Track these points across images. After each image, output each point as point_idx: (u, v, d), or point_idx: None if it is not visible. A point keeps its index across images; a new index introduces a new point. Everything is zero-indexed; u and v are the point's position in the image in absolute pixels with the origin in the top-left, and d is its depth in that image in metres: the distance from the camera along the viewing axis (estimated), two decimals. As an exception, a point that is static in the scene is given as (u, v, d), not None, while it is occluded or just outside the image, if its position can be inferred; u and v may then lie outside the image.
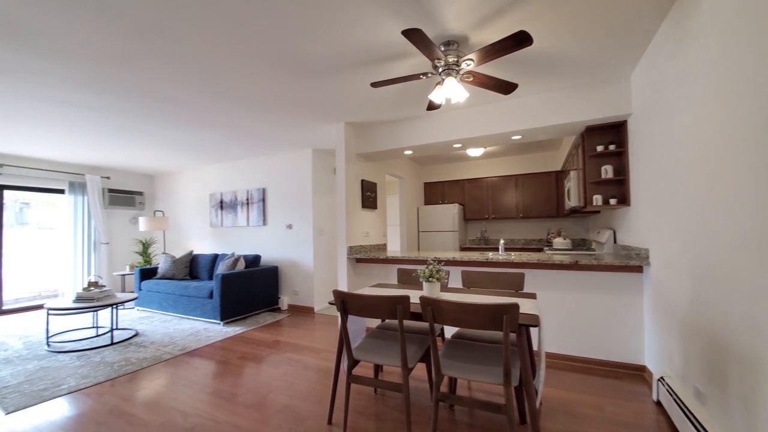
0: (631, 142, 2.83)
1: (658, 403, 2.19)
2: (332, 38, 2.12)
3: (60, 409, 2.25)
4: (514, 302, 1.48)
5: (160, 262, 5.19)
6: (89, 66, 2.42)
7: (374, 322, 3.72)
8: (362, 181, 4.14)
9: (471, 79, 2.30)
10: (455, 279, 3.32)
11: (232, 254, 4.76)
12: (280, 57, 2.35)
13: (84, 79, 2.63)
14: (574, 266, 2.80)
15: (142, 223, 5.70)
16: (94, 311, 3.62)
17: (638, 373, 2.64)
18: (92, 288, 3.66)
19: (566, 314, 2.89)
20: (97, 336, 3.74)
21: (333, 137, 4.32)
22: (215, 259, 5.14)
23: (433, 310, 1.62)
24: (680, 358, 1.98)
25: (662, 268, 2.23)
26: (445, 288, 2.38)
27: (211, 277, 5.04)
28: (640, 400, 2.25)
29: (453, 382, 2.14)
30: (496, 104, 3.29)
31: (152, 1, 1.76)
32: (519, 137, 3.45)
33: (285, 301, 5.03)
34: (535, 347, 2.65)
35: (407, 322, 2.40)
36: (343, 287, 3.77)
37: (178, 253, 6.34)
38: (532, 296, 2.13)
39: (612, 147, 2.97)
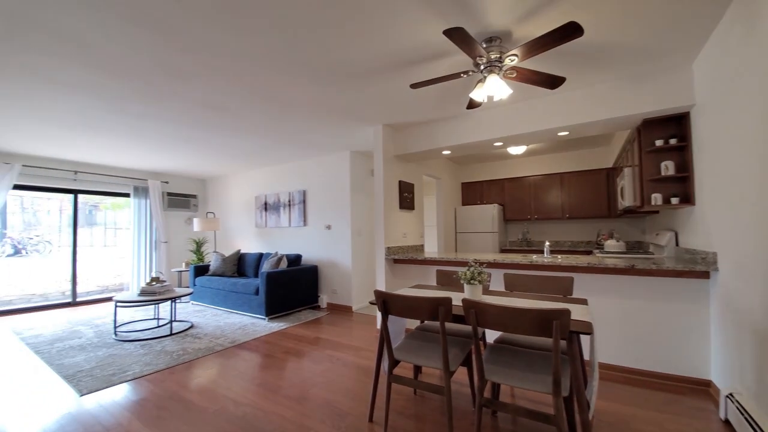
0: (695, 136, 2.58)
1: (726, 422, 1.98)
2: (372, 42, 2.15)
3: (126, 392, 2.48)
4: (564, 308, 1.41)
5: (212, 260, 5.56)
6: (152, 80, 2.66)
7: (413, 323, 3.71)
8: (400, 182, 4.16)
9: (514, 75, 2.23)
10: (497, 282, 3.22)
11: (276, 253, 4.98)
12: (320, 63, 2.43)
13: (147, 92, 2.89)
14: (629, 271, 2.60)
15: (196, 224, 6.15)
16: (155, 304, 3.97)
17: (703, 389, 2.40)
18: (154, 283, 4.02)
19: (621, 322, 2.70)
20: (158, 327, 4.09)
21: (371, 139, 4.38)
22: (260, 257, 5.41)
23: (477, 313, 1.59)
24: (754, 373, 1.77)
25: (733, 273, 2.01)
26: (486, 291, 2.32)
27: (256, 275, 5.31)
28: (704, 418, 2.04)
29: (496, 387, 2.08)
30: (541, 99, 3.15)
31: (206, 18, 1.90)
32: (566, 133, 3.27)
33: (324, 299, 5.17)
34: (586, 356, 2.50)
35: (448, 325, 2.37)
36: (381, 288, 3.81)
37: (227, 252, 6.75)
38: (583, 302, 2.01)
39: (673, 141, 2.73)
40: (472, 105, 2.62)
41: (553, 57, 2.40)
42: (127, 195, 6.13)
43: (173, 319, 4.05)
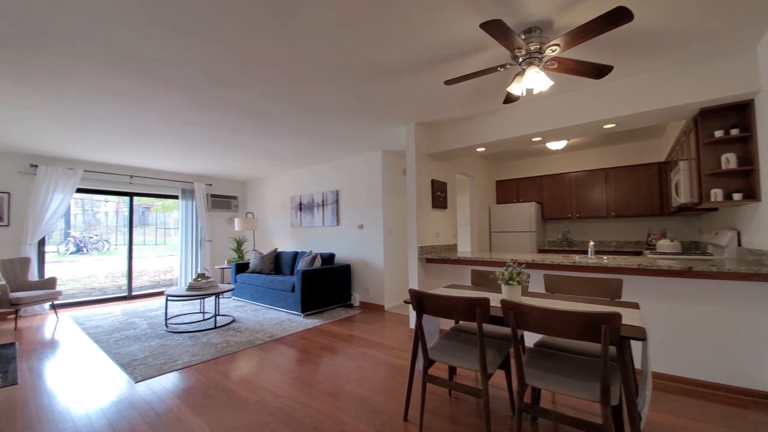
0: (760, 125, 2.32)
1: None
2: (406, 41, 2.14)
3: (175, 380, 2.66)
4: (615, 311, 1.32)
5: (251, 258, 5.82)
6: (197, 89, 2.82)
7: (447, 324, 3.66)
8: (432, 180, 4.11)
9: (556, 65, 2.12)
10: (535, 283, 3.09)
11: (310, 252, 5.12)
12: (354, 65, 2.45)
13: (193, 101, 3.07)
14: (686, 273, 2.39)
15: (237, 224, 6.46)
16: (201, 299, 4.22)
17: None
18: (200, 279, 4.27)
19: (676, 328, 2.49)
20: (203, 320, 4.34)
21: (403, 138, 4.37)
22: (296, 256, 5.58)
23: (516, 314, 1.53)
24: None
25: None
26: (525, 292, 2.23)
27: (292, 273, 5.49)
28: (781, 440, 1.83)
29: (536, 393, 2.00)
30: (585, 90, 2.98)
31: (246, 25, 1.98)
32: (612, 126, 3.07)
33: (357, 297, 5.24)
34: (636, 364, 2.34)
35: (484, 326, 2.31)
36: (414, 287, 3.78)
37: (265, 250, 7.03)
38: (634, 306, 1.88)
39: (734, 132, 2.47)
40: (509, 99, 2.53)
41: (598, 45, 2.26)
42: (175, 197, 6.57)
43: (217, 313, 4.28)
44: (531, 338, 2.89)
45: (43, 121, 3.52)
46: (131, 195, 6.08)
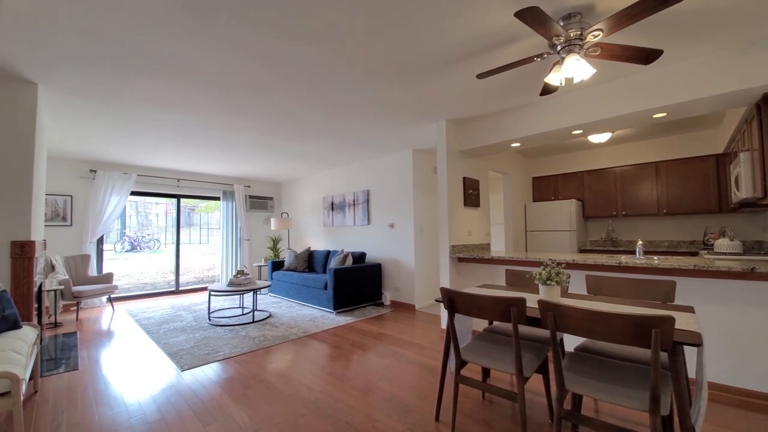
0: None
1: None
2: (436, 36, 2.11)
3: (217, 370, 2.80)
4: (667, 314, 1.22)
5: (286, 257, 6.02)
6: (236, 95, 2.96)
7: (480, 325, 3.57)
8: (464, 178, 4.02)
9: (598, 52, 1.99)
10: (576, 284, 2.93)
11: (342, 251, 5.20)
12: (384, 64, 2.45)
13: (232, 106, 3.22)
14: (748, 275, 2.15)
15: (273, 223, 6.71)
16: (241, 294, 4.42)
17: None
18: (240, 276, 4.47)
19: (735, 335, 2.25)
20: (242, 315, 4.54)
21: (433, 136, 4.32)
22: (328, 254, 5.69)
23: (555, 316, 1.45)
24: None
25: None
26: (565, 293, 2.12)
27: (324, 271, 5.60)
28: None
29: (577, 399, 1.89)
30: (631, 78, 2.78)
31: (278, 30, 2.04)
32: (663, 115, 2.84)
33: (388, 296, 5.24)
34: (690, 373, 2.14)
35: (520, 328, 2.22)
36: (445, 286, 3.72)
37: (299, 249, 7.24)
38: (689, 310, 1.72)
39: (815, 116, 2.19)
40: (546, 91, 2.42)
41: (645, 28, 2.09)
42: (217, 198, 6.95)
43: (255, 308, 4.47)
44: (571, 342, 2.74)
45: (100, 129, 3.85)
46: (178, 197, 6.50)
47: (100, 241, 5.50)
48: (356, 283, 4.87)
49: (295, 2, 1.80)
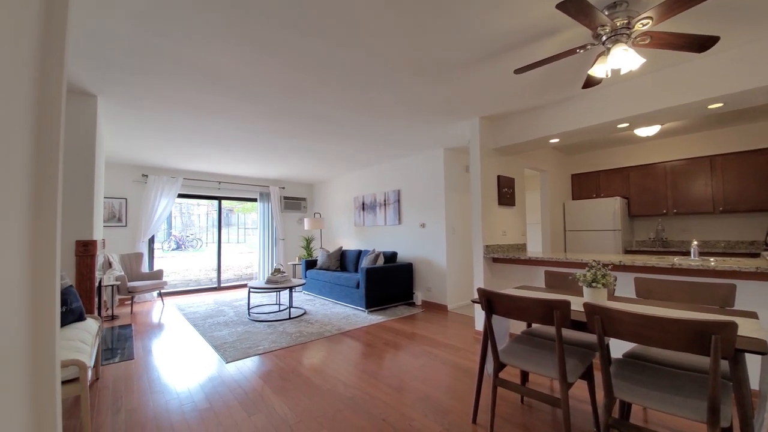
0: None
1: None
2: (472, 32, 2.08)
3: (258, 364, 2.93)
4: (729, 320, 1.13)
5: (319, 256, 6.17)
6: (273, 100, 3.08)
7: (516, 327, 3.47)
8: (498, 176, 3.92)
9: (648, 41, 1.87)
10: (624, 287, 2.78)
11: (373, 250, 5.24)
12: (417, 64, 2.45)
13: (269, 112, 3.36)
14: (830, 280, 1.94)
15: (306, 223, 6.90)
16: (277, 291, 4.60)
17: None
18: (277, 274, 4.65)
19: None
20: (279, 311, 4.72)
21: (465, 135, 4.25)
22: (359, 254, 5.77)
23: (603, 320, 1.39)
24: None
25: None
26: (611, 296, 2.01)
27: (356, 270, 5.68)
28: None
29: (625, 408, 1.79)
30: (684, 66, 2.59)
31: (313, 34, 2.10)
32: (719, 105, 2.61)
33: (419, 296, 5.22)
34: (752, 384, 1.96)
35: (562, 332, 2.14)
36: (481, 287, 3.65)
37: (331, 248, 7.39)
38: (752, 315, 1.58)
39: None
40: (589, 83, 2.30)
41: (699, 13, 1.94)
42: (254, 200, 7.26)
43: (291, 305, 4.62)
44: (617, 348, 2.60)
45: (151, 136, 4.15)
46: (219, 199, 6.86)
47: (151, 241, 5.93)
48: (388, 283, 4.90)
49: (329, 3, 1.85)
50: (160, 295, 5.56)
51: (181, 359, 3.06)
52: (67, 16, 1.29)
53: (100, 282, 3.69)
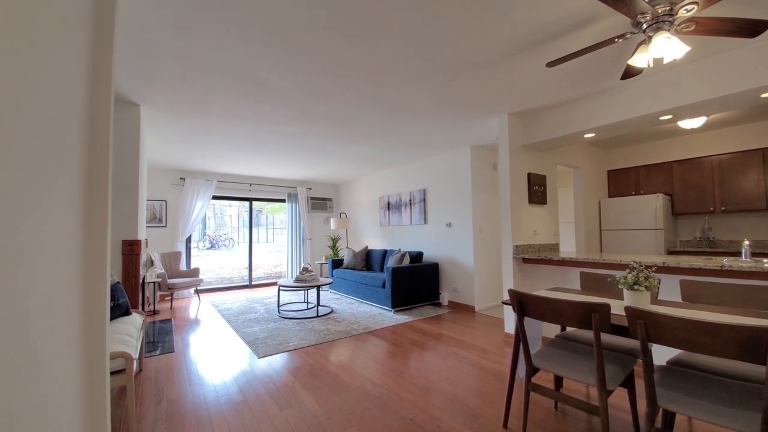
0: None
1: None
2: (501, 27, 2.02)
3: (288, 360, 3.00)
4: (794, 328, 1.03)
5: (345, 255, 6.25)
6: (301, 104, 3.15)
7: (549, 331, 3.36)
8: (529, 174, 3.80)
9: (692, 28, 1.75)
10: (668, 290, 2.61)
11: (399, 250, 5.24)
12: (444, 61, 2.42)
13: (298, 115, 3.44)
14: None
15: (332, 223, 7.01)
16: (305, 290, 4.70)
17: None
18: (305, 272, 4.75)
19: None
20: (307, 309, 4.82)
21: (492, 132, 4.15)
22: (385, 253, 5.78)
23: (647, 325, 1.31)
24: None
25: None
26: (654, 300, 1.90)
27: (382, 269, 5.70)
28: None
29: (668, 417, 1.68)
30: (731, 53, 2.40)
31: (339, 37, 2.12)
32: (777, 93, 2.40)
33: (445, 297, 5.16)
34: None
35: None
36: (511, 288, 3.56)
37: (357, 248, 7.46)
38: (821, 324, 1.43)
39: None
40: (629, 74, 2.18)
41: (757, -8, 1.78)
42: (282, 200, 7.46)
43: (318, 303, 4.71)
44: (657, 355, 2.45)
45: (187, 141, 4.36)
46: (250, 200, 7.11)
47: (188, 240, 6.24)
48: (413, 283, 4.88)
49: (360, 7, 1.86)
50: (197, 291, 5.84)
51: (216, 353, 3.20)
52: (114, 32, 1.37)
53: (143, 279, 3.93)
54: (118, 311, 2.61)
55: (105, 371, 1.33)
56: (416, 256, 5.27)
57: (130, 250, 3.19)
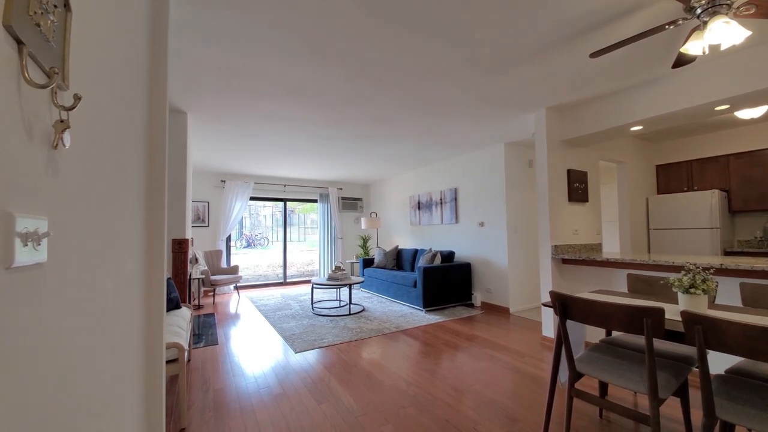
0: None
1: None
2: (540, 19, 1.96)
3: (323, 355, 3.09)
4: None
5: (375, 254, 6.30)
6: (336, 107, 3.23)
7: (593, 335, 3.20)
8: (568, 170, 3.64)
9: (753, 11, 1.60)
10: (726, 293, 2.41)
11: (430, 249, 5.20)
12: (480, 57, 2.38)
13: (332, 118, 3.52)
14: None
15: (363, 223, 7.09)
16: (338, 288, 4.80)
17: None
18: (337, 271, 4.85)
19: None
20: (340, 307, 4.92)
21: (527, 128, 4.01)
22: (416, 253, 5.76)
23: (705, 330, 1.22)
24: None
25: None
26: (711, 304, 1.76)
27: (412, 269, 5.69)
28: None
29: (726, 429, 1.55)
30: (805, 34, 2.16)
31: (374, 37, 2.15)
32: None
33: (478, 297, 5.06)
34: None
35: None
36: (551, 290, 3.43)
37: (387, 247, 7.50)
38: None
39: None
40: (681, 62, 2.03)
41: (837, -37, 1.60)
42: (314, 201, 7.66)
43: (350, 301, 4.79)
44: (713, 363, 2.26)
45: (228, 145, 4.60)
46: (285, 200, 7.37)
47: (228, 239, 6.57)
48: (445, 282, 4.83)
49: (396, 10, 1.88)
50: (236, 288, 6.14)
51: (256, 347, 3.35)
52: (168, 48, 1.48)
53: (189, 275, 4.19)
54: (170, 305, 2.81)
55: (162, 359, 1.44)
56: (447, 256, 5.21)
57: (179, 248, 3.41)
